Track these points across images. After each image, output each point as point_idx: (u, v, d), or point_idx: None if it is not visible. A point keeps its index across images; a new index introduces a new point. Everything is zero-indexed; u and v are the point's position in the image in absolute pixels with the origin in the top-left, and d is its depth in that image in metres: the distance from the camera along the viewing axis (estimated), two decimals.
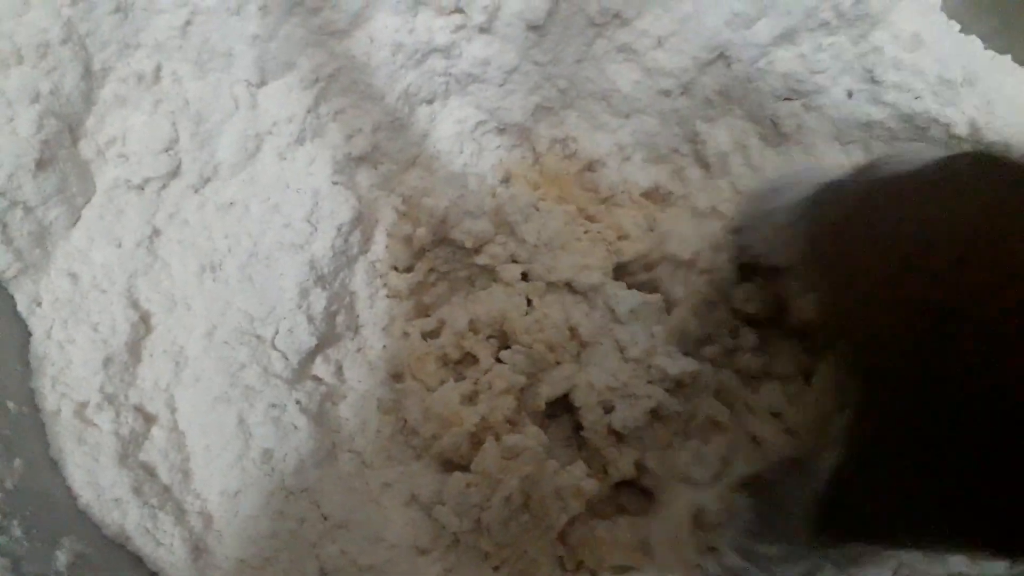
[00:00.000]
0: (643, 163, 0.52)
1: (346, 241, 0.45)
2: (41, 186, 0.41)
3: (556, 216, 0.48)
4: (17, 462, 0.36)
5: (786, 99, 0.49)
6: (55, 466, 0.38)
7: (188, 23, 0.43)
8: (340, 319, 0.43)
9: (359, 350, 0.42)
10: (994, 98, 0.45)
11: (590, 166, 0.52)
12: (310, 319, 0.41)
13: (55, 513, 0.37)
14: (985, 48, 0.47)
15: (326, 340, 0.42)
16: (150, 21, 0.43)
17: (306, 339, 0.41)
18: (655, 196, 0.51)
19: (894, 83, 0.47)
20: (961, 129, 0.46)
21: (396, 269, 0.46)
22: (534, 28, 0.47)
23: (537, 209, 0.48)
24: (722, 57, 0.49)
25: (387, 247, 0.47)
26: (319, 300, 0.42)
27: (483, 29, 0.47)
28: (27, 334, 0.40)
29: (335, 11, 0.45)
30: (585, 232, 0.49)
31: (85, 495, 0.38)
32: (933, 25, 0.47)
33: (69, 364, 0.40)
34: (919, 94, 0.46)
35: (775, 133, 0.50)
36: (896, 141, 0.48)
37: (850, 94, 0.48)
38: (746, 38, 0.47)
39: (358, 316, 0.44)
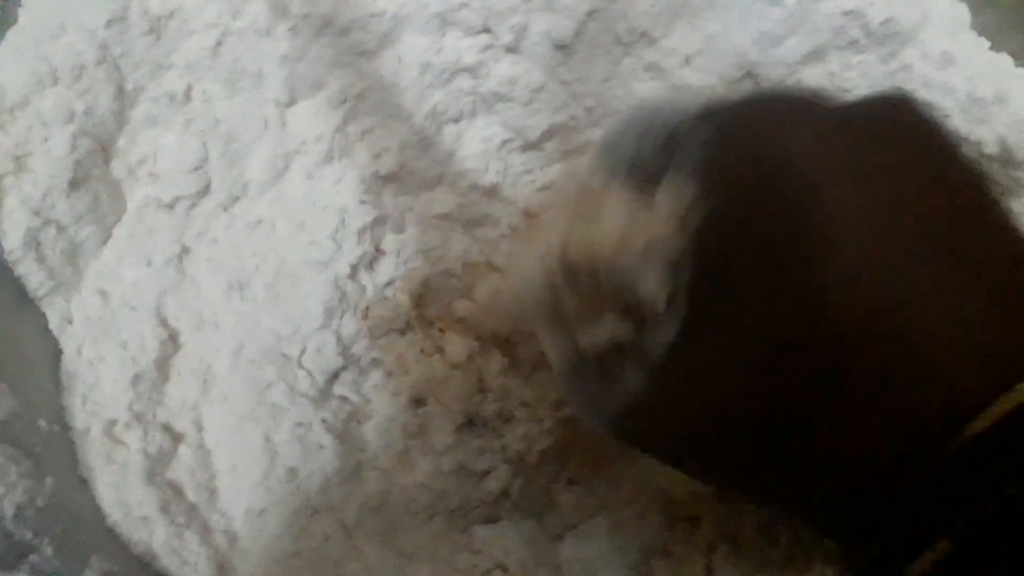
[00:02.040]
0: None
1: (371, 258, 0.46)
2: (74, 205, 0.42)
3: None
4: (48, 481, 0.36)
5: None
6: (84, 484, 0.38)
7: (219, 44, 0.45)
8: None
9: (388, 373, 0.42)
10: None
11: None
12: (338, 338, 0.41)
13: (84, 531, 0.37)
14: (1016, 66, 0.47)
15: (351, 359, 0.42)
16: (182, 42, 0.45)
17: (332, 358, 0.41)
18: None
19: (923, 101, 0.46)
20: (992, 148, 0.46)
21: None
22: (561, 47, 0.48)
23: None
24: (750, 75, 0.49)
25: None
26: (345, 319, 0.43)
27: (510, 49, 0.48)
28: (58, 352, 0.41)
29: (364, 32, 0.46)
30: None
31: (113, 513, 0.38)
32: (963, 43, 0.47)
33: (99, 382, 0.41)
34: (949, 112, 0.46)
35: None
36: None
37: None
38: (774, 56, 0.48)
39: None
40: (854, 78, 0.47)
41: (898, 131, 0.27)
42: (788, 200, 0.24)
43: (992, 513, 0.19)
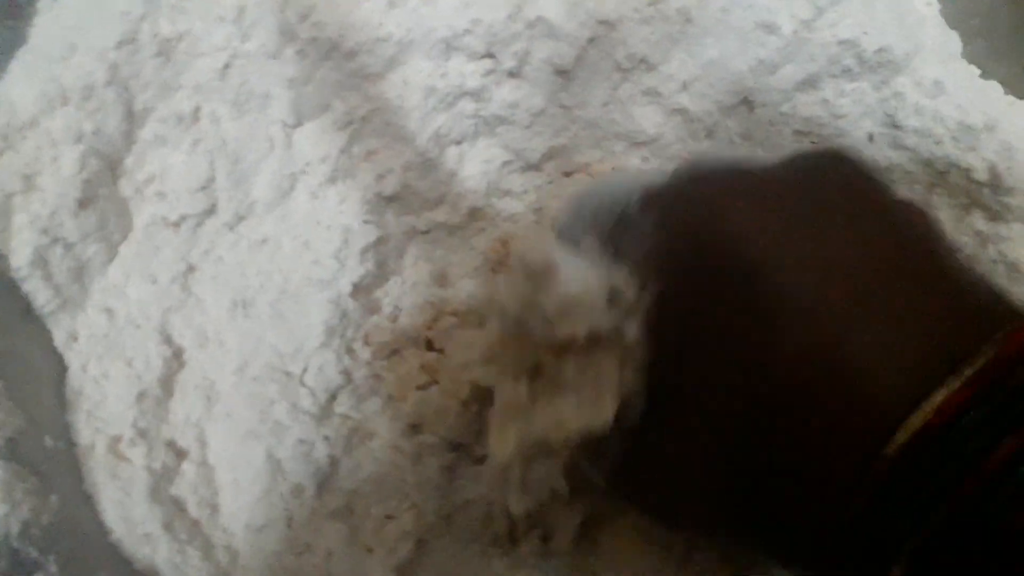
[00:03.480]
0: None
1: (373, 277, 0.47)
2: (82, 224, 0.43)
3: None
4: (53, 498, 0.37)
5: (808, 142, 0.52)
6: (89, 501, 0.39)
7: (228, 66, 0.46)
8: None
9: (388, 397, 0.43)
10: (1014, 143, 0.47)
11: None
12: (338, 358, 0.43)
13: (89, 548, 0.38)
14: (1006, 94, 0.49)
15: (352, 378, 0.44)
16: (191, 64, 0.46)
17: (333, 377, 0.42)
18: None
19: (915, 128, 0.49)
20: (981, 174, 0.48)
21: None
22: (562, 73, 0.50)
23: None
24: (745, 101, 0.51)
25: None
26: (346, 338, 0.44)
27: (512, 74, 0.50)
28: (63, 369, 0.42)
29: (370, 56, 0.48)
30: None
31: (117, 530, 0.39)
32: (954, 72, 0.49)
33: (104, 399, 0.42)
34: (940, 139, 0.49)
35: None
36: (916, 185, 0.50)
37: (871, 138, 0.50)
38: (770, 83, 0.50)
39: None
40: (847, 105, 0.49)
41: (831, 187, 0.29)
42: (730, 279, 0.27)
43: (927, 538, 0.21)
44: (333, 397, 0.43)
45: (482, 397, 0.44)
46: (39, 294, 0.42)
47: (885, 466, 0.22)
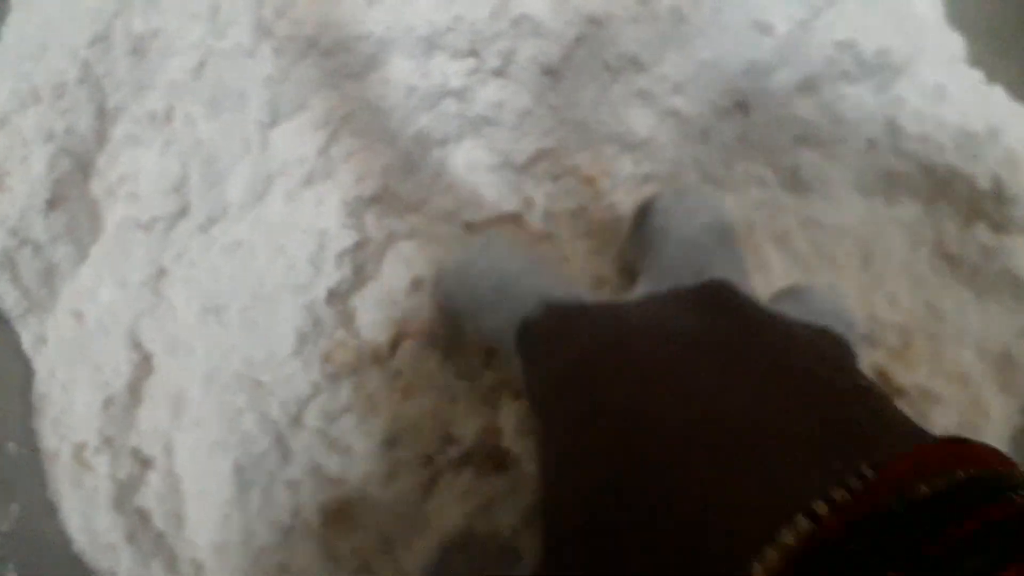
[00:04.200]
0: None
1: (349, 284, 0.47)
2: (51, 225, 0.44)
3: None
4: (14, 506, 0.38)
5: (806, 148, 0.51)
6: (51, 509, 0.40)
7: (202, 64, 0.46)
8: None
9: (362, 413, 0.43)
10: (1018, 151, 0.46)
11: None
12: (307, 367, 0.43)
13: (50, 558, 0.38)
14: (1010, 99, 0.48)
15: (322, 389, 0.44)
16: (165, 62, 0.46)
17: (304, 387, 0.42)
18: None
19: (916, 135, 0.48)
20: (984, 183, 0.47)
21: None
22: (549, 72, 0.50)
23: None
24: (741, 104, 0.51)
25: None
26: (318, 347, 0.44)
27: (497, 73, 0.49)
28: (30, 373, 0.43)
29: (350, 54, 0.48)
30: None
31: (80, 540, 0.40)
32: (957, 77, 0.49)
33: (70, 405, 0.42)
34: (942, 146, 0.48)
35: (795, 181, 0.52)
36: (918, 195, 0.50)
37: (872, 144, 0.50)
38: (765, 86, 0.49)
39: None
40: (847, 109, 0.49)
41: (720, 322, 0.31)
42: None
43: None
44: (304, 408, 0.43)
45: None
46: (7, 296, 0.43)
47: None
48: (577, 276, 0.50)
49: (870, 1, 0.50)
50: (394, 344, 0.46)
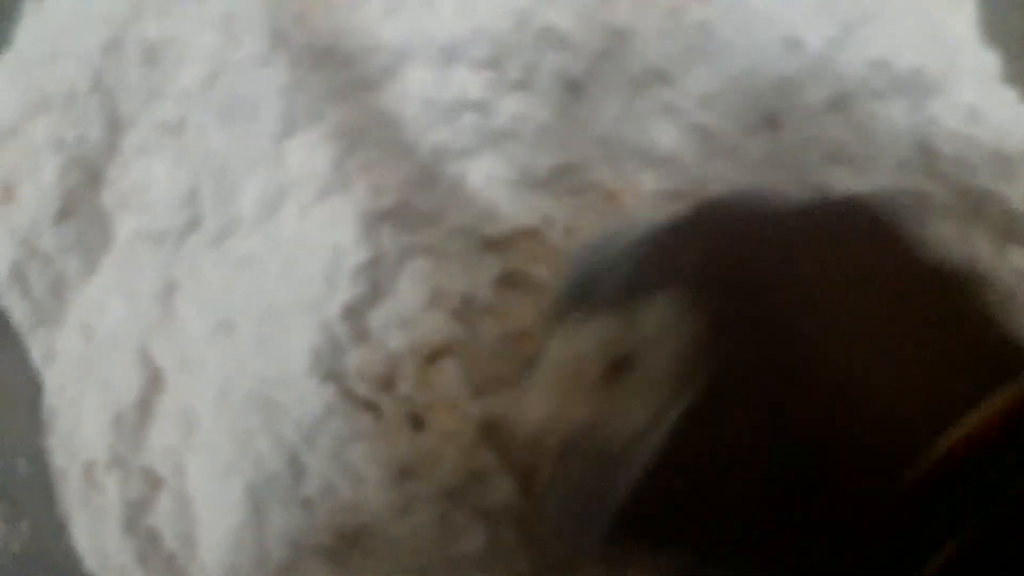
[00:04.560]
0: None
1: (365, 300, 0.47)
2: (61, 236, 0.44)
3: None
4: (24, 525, 0.38)
5: (836, 166, 0.50)
6: (61, 529, 0.40)
7: (216, 74, 0.46)
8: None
9: (374, 439, 0.43)
10: None
11: None
12: (323, 387, 0.43)
13: None
14: None
15: (336, 411, 0.43)
16: (178, 71, 0.46)
17: (319, 408, 0.42)
18: None
19: (949, 155, 0.48)
20: (1019, 204, 0.47)
21: None
22: (572, 86, 0.49)
23: None
24: (770, 122, 0.50)
25: None
26: (333, 366, 0.44)
27: (519, 85, 0.49)
28: (39, 390, 0.43)
29: (367, 64, 0.47)
30: None
31: (90, 561, 0.40)
32: (992, 96, 0.48)
33: (80, 421, 0.42)
34: (975, 167, 0.47)
35: None
36: (951, 216, 0.49)
37: (903, 164, 0.49)
38: (795, 103, 0.49)
39: None
40: (879, 129, 0.48)
41: (859, 238, 0.32)
42: (783, 311, 0.29)
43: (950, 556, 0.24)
44: (318, 430, 0.42)
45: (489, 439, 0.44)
46: (17, 310, 0.43)
47: (910, 487, 0.24)
48: None
49: (903, 19, 0.50)
50: (411, 363, 0.45)
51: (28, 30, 0.45)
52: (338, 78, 0.48)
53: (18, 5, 0.46)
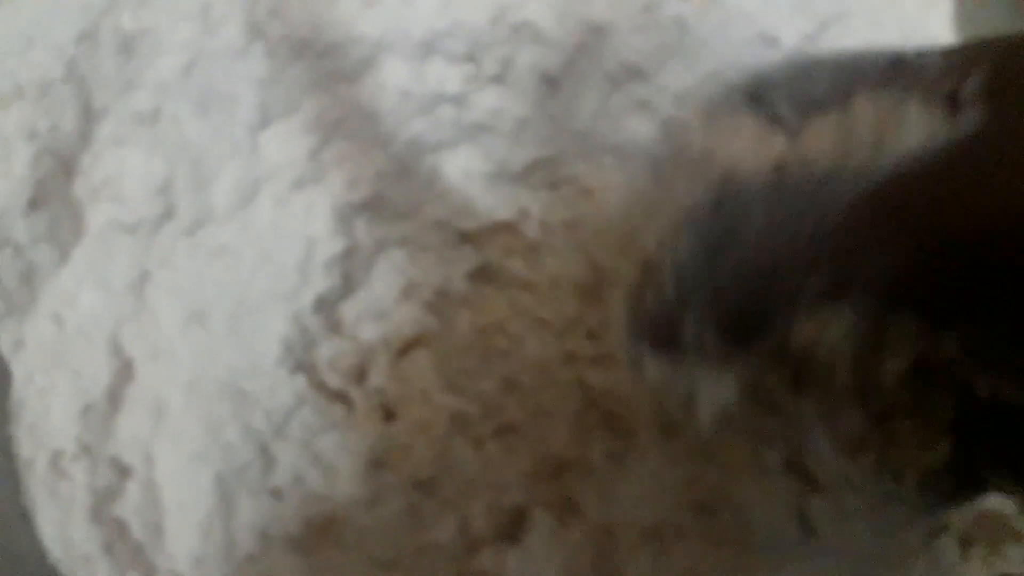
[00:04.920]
0: None
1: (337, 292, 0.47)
2: (32, 225, 0.44)
3: None
4: None
5: None
6: (25, 519, 0.40)
7: (192, 64, 0.47)
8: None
9: (344, 429, 0.43)
10: None
11: None
12: (294, 378, 0.43)
13: (24, 570, 0.39)
14: None
15: (306, 401, 0.44)
16: (154, 61, 0.46)
17: (289, 399, 0.42)
18: None
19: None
20: None
21: None
22: (548, 80, 0.50)
23: None
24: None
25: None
26: (303, 357, 0.44)
27: (496, 79, 0.50)
28: (6, 378, 0.43)
29: (344, 56, 0.48)
30: None
31: (55, 551, 0.40)
32: None
33: (48, 411, 0.42)
34: None
35: None
36: None
37: None
38: None
39: None
40: None
41: None
42: None
43: None
44: (288, 420, 0.43)
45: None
46: None
47: None
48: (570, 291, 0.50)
49: (879, 16, 0.50)
50: (384, 354, 0.46)
51: (1, 19, 0.46)
52: (315, 70, 0.48)
53: None
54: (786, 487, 0.33)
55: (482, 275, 0.51)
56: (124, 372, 0.44)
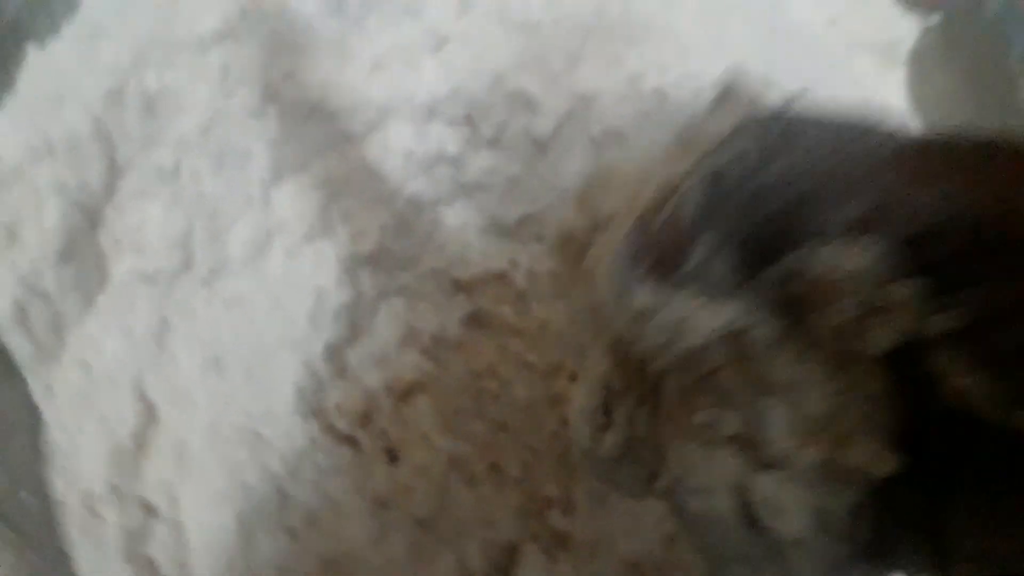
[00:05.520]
0: None
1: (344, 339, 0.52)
2: (61, 275, 0.47)
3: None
4: (29, 555, 0.42)
5: None
6: (64, 558, 0.44)
7: (211, 123, 0.50)
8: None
9: (351, 471, 0.48)
10: None
11: None
12: (307, 422, 0.47)
13: None
14: None
15: (318, 444, 0.48)
16: (175, 119, 0.50)
17: (302, 442, 0.47)
18: None
19: None
20: None
21: None
22: (538, 143, 0.55)
23: None
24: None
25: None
26: (315, 403, 0.49)
27: (491, 142, 0.54)
28: (38, 421, 0.46)
29: (351, 119, 0.52)
30: None
31: None
32: None
33: (78, 454, 0.46)
34: None
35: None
36: None
37: None
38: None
39: None
40: None
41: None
42: None
43: None
44: (302, 462, 0.47)
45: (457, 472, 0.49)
46: (19, 347, 0.46)
47: None
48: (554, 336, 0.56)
49: (840, 86, 0.57)
50: (387, 399, 0.51)
51: (31, 75, 0.48)
52: (325, 131, 0.52)
53: (21, 49, 0.49)
54: (731, 459, 0.32)
55: (474, 321, 0.56)
56: (148, 416, 0.48)
